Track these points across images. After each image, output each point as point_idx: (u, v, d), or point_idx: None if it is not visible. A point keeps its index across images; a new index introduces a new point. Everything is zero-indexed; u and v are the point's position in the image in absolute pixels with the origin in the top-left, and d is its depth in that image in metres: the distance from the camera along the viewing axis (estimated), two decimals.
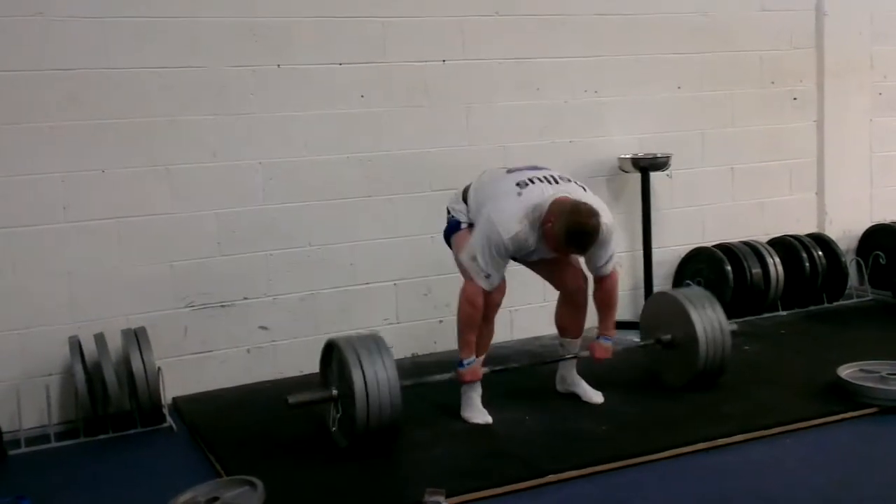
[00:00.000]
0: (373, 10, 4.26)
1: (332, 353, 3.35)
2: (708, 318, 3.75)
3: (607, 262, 3.49)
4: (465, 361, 3.44)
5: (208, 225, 4.05)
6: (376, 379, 3.17)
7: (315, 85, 4.19)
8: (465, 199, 3.57)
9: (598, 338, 3.66)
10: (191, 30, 3.94)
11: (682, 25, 4.94)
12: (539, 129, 4.66)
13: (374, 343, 3.27)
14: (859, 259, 5.30)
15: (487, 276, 3.35)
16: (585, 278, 3.66)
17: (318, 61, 4.19)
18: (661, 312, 3.95)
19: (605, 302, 3.61)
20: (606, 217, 3.39)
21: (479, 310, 3.39)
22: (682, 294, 3.92)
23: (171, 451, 3.52)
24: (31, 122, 3.73)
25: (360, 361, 3.18)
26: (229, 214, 4.08)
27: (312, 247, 4.24)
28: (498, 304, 3.53)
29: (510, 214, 3.32)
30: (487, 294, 3.42)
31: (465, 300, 3.39)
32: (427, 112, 4.43)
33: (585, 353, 3.69)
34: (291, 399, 3.26)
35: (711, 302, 3.83)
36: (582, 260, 3.58)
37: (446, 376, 3.51)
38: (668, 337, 3.84)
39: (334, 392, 3.30)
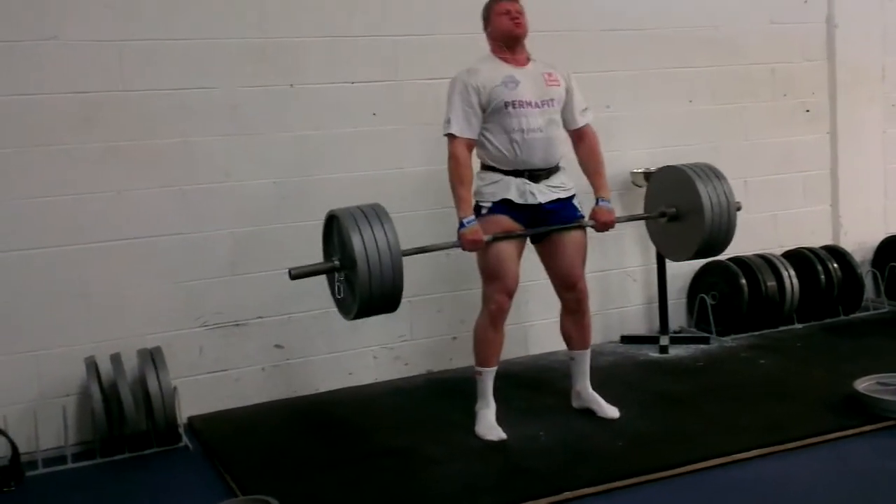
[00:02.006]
0: (384, 28, 4.29)
1: (332, 224, 3.32)
2: (713, 188, 3.69)
3: (584, 110, 3.67)
4: (465, 220, 3.42)
5: (222, 244, 4.07)
6: (375, 243, 3.14)
7: (327, 104, 4.21)
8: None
9: (596, 202, 3.65)
10: (203, 51, 3.98)
11: (692, 39, 4.95)
12: None
13: (374, 211, 3.24)
14: (875, 271, 5.26)
15: (448, 122, 3.49)
16: (586, 285, 3.65)
17: (330, 80, 4.21)
18: (665, 187, 3.90)
19: (592, 159, 3.68)
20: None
21: (462, 163, 3.46)
22: (686, 166, 3.84)
23: (187, 471, 3.52)
24: (47, 145, 3.76)
25: (358, 227, 3.15)
26: (243, 234, 4.10)
27: None
28: (504, 309, 3.52)
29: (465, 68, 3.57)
30: (494, 296, 3.44)
31: (449, 158, 3.48)
32: (439, 129, 4.42)
33: (591, 223, 3.65)
34: (294, 271, 3.25)
35: (718, 175, 3.76)
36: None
37: (449, 243, 3.51)
38: (673, 210, 3.79)
39: (336, 262, 3.28)
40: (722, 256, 4.94)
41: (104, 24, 3.81)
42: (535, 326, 4.56)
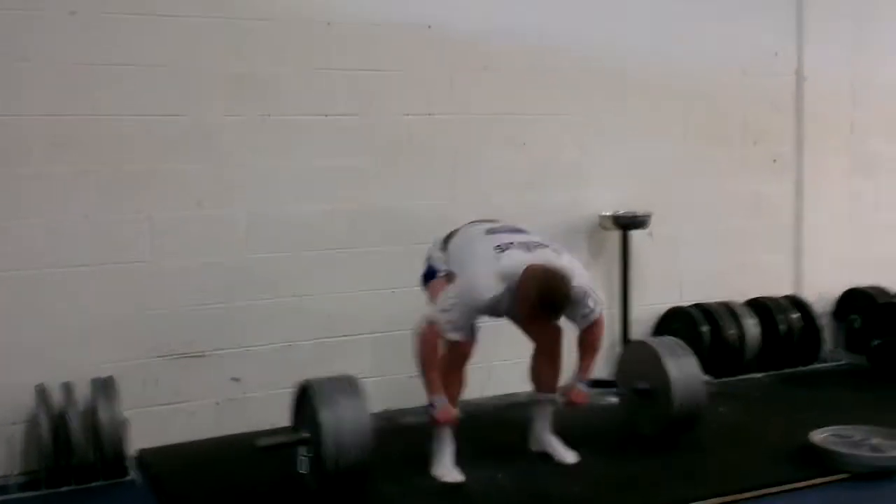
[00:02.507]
0: (361, 62, 4.30)
1: (304, 395, 3.32)
2: (681, 367, 3.78)
3: (589, 314, 3.53)
4: (437, 401, 3.43)
5: (188, 274, 4.03)
6: (346, 419, 3.14)
7: (301, 136, 4.21)
8: (444, 248, 3.62)
9: (575, 382, 3.65)
10: (179, 78, 3.96)
11: (666, 86, 5.00)
12: (523, 184, 4.69)
13: (346, 383, 3.25)
14: (835, 322, 5.32)
15: (455, 329, 3.38)
16: (560, 330, 3.67)
17: (305, 112, 4.21)
18: (636, 361, 3.96)
19: (589, 345, 3.62)
20: (581, 279, 3.45)
21: (435, 348, 3.41)
22: (656, 343, 3.94)
23: None
24: (15, 168, 3.72)
25: (330, 402, 3.16)
26: (210, 264, 4.06)
27: (290, 297, 4.23)
28: (469, 356, 3.52)
29: (486, 278, 3.38)
30: (460, 343, 3.43)
31: (424, 342, 3.42)
32: (412, 165, 4.46)
33: (562, 399, 3.67)
34: (262, 441, 3.23)
35: (685, 351, 3.86)
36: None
37: (419, 419, 3.51)
38: (643, 386, 3.85)
39: (305, 434, 3.27)
40: (684, 302, 5.04)
41: (78, 47, 3.79)
42: (496, 367, 4.54)
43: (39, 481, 3.56)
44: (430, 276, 3.65)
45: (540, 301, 3.28)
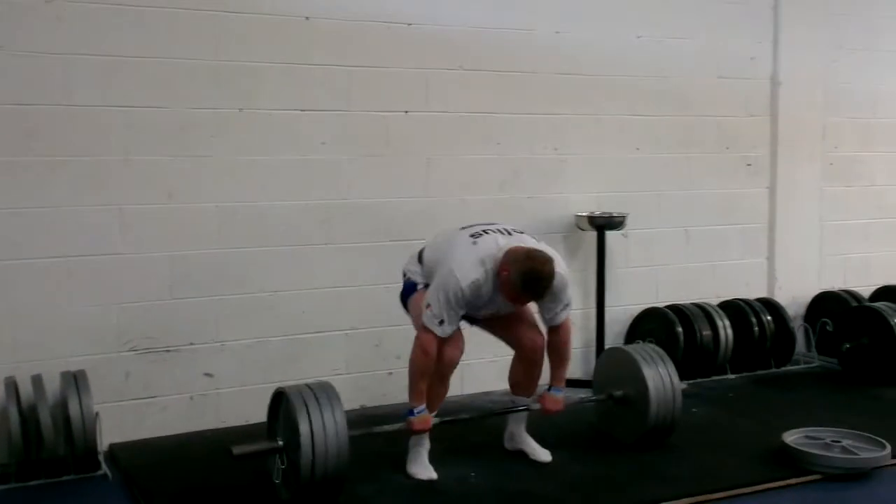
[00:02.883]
0: (338, 58, 4.28)
1: (280, 402, 3.29)
2: (659, 376, 3.79)
3: (562, 311, 3.53)
4: (416, 410, 3.41)
5: (160, 267, 3.98)
6: (323, 428, 3.11)
7: (277, 130, 4.18)
8: (420, 261, 3.60)
9: (548, 389, 3.66)
10: (154, 70, 3.92)
11: (642, 89, 5.03)
12: (498, 183, 4.70)
13: (324, 392, 3.22)
14: (807, 325, 5.38)
15: (441, 323, 3.34)
16: (542, 337, 3.66)
17: (281, 107, 4.18)
18: (613, 368, 3.97)
19: (558, 352, 3.62)
20: (561, 266, 3.43)
21: (431, 358, 3.37)
22: (634, 350, 3.94)
23: (103, 500, 3.42)
24: None
25: (307, 411, 3.12)
26: (182, 257, 4.02)
27: (264, 293, 4.20)
28: (455, 363, 3.51)
29: (466, 263, 3.34)
30: (445, 350, 3.41)
31: (419, 347, 3.37)
32: (388, 162, 4.44)
33: (536, 406, 3.68)
34: (236, 450, 3.19)
35: (663, 359, 3.87)
36: (535, 310, 3.60)
37: (396, 426, 3.48)
38: (620, 393, 3.86)
39: (280, 443, 3.24)
40: (659, 303, 5.06)
41: (53, 37, 3.73)
42: (472, 366, 4.53)
43: (9, 475, 3.50)
44: (408, 291, 3.61)
45: (523, 280, 3.25)
